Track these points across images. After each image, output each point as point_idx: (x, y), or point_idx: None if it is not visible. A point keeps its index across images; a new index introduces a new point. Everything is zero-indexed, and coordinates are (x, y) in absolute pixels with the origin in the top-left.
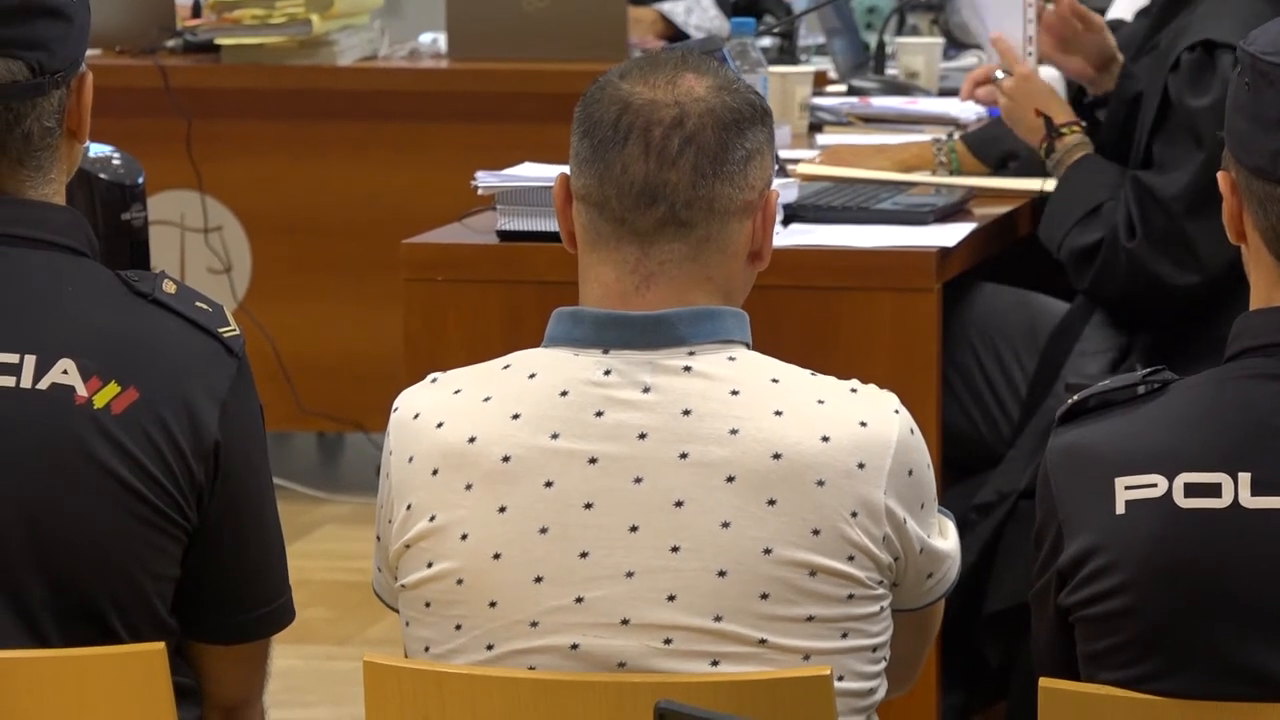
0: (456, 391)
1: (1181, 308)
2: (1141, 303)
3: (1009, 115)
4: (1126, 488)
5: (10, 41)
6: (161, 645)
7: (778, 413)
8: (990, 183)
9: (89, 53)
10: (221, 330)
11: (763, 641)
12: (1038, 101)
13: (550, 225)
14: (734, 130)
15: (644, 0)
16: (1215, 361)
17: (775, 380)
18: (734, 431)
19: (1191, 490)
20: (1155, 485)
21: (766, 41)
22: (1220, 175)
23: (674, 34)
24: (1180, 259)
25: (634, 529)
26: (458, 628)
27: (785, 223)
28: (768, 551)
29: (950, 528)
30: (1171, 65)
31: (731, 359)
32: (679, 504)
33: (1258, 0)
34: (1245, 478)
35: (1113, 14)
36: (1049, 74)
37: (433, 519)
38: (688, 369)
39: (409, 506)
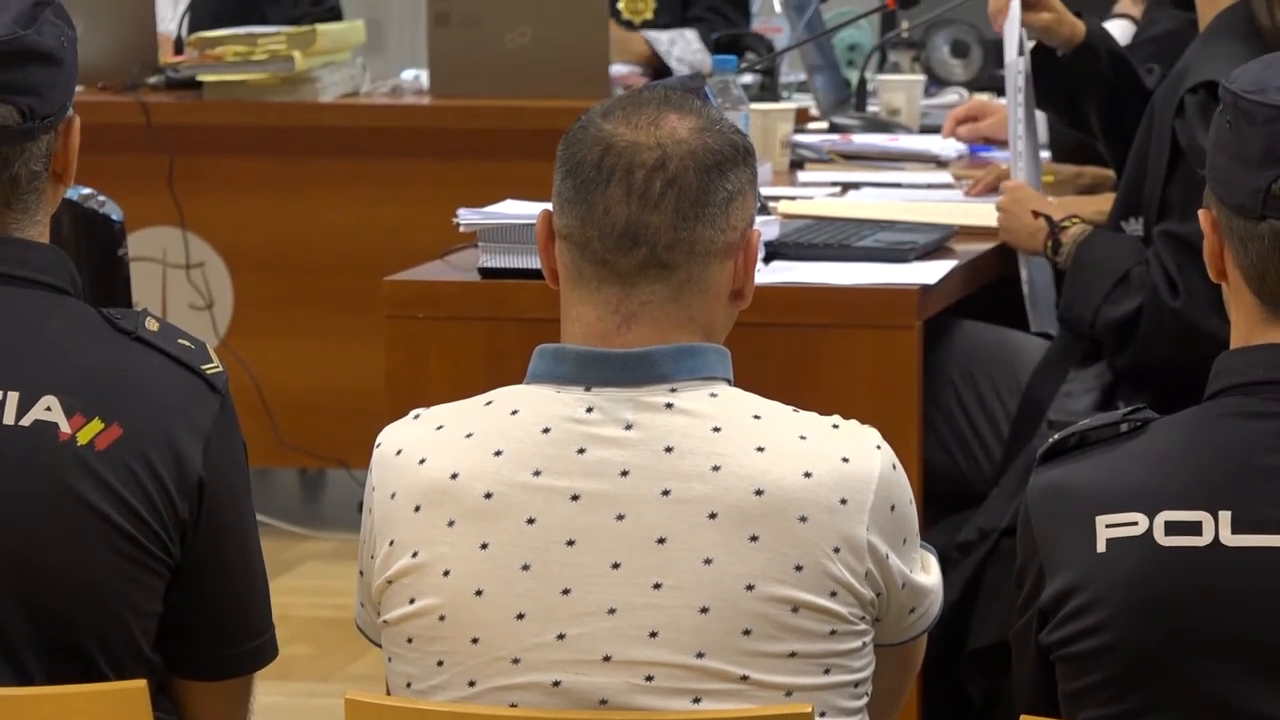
0: (439, 428)
1: (1206, 357)
2: (1191, 363)
3: (1006, 228)
4: (1107, 526)
5: (3, 86)
6: (143, 683)
7: (760, 449)
8: (968, 214)
9: None
10: (204, 367)
11: (745, 678)
12: (1032, 206)
13: (533, 262)
14: (716, 172)
15: (631, 25)
16: (1197, 400)
17: (757, 417)
18: (716, 468)
19: (1172, 528)
20: (1136, 524)
21: (748, 78)
22: (1201, 213)
23: (657, 61)
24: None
25: (616, 566)
26: (440, 664)
27: (767, 260)
28: (750, 588)
29: (933, 563)
30: (1176, 111)
31: (713, 395)
32: (661, 541)
33: (1249, 43)
34: (1226, 516)
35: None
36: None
37: (415, 555)
38: (669, 406)
39: (391, 542)
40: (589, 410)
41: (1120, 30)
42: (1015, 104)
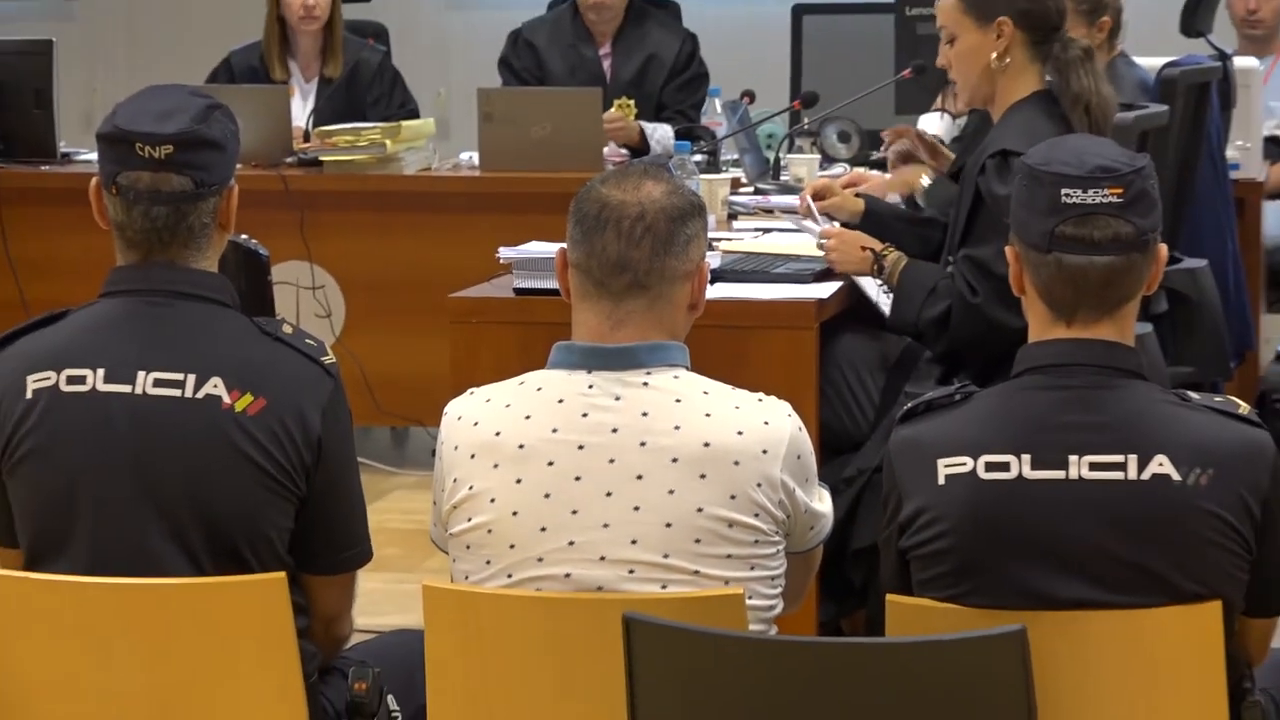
0: (487, 400)
1: (1008, 346)
2: (988, 346)
3: (840, 263)
4: (945, 466)
5: (183, 164)
6: (283, 575)
7: (707, 414)
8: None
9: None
10: (323, 359)
11: (696, 572)
12: (857, 242)
13: (552, 284)
14: (679, 221)
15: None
16: (1006, 378)
17: (706, 392)
18: (677, 427)
19: (989, 467)
20: (965, 464)
21: (699, 157)
22: (1007, 249)
23: (642, 142)
24: (1012, 306)
25: (608, 495)
26: (488, 562)
27: (713, 282)
28: (700, 510)
29: (826, 496)
30: (980, 169)
31: (676, 377)
32: (639, 477)
33: (1038, 117)
34: (1026, 458)
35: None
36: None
37: (471, 488)
38: (645, 384)
39: (454, 480)
40: (590, 387)
41: (935, 121)
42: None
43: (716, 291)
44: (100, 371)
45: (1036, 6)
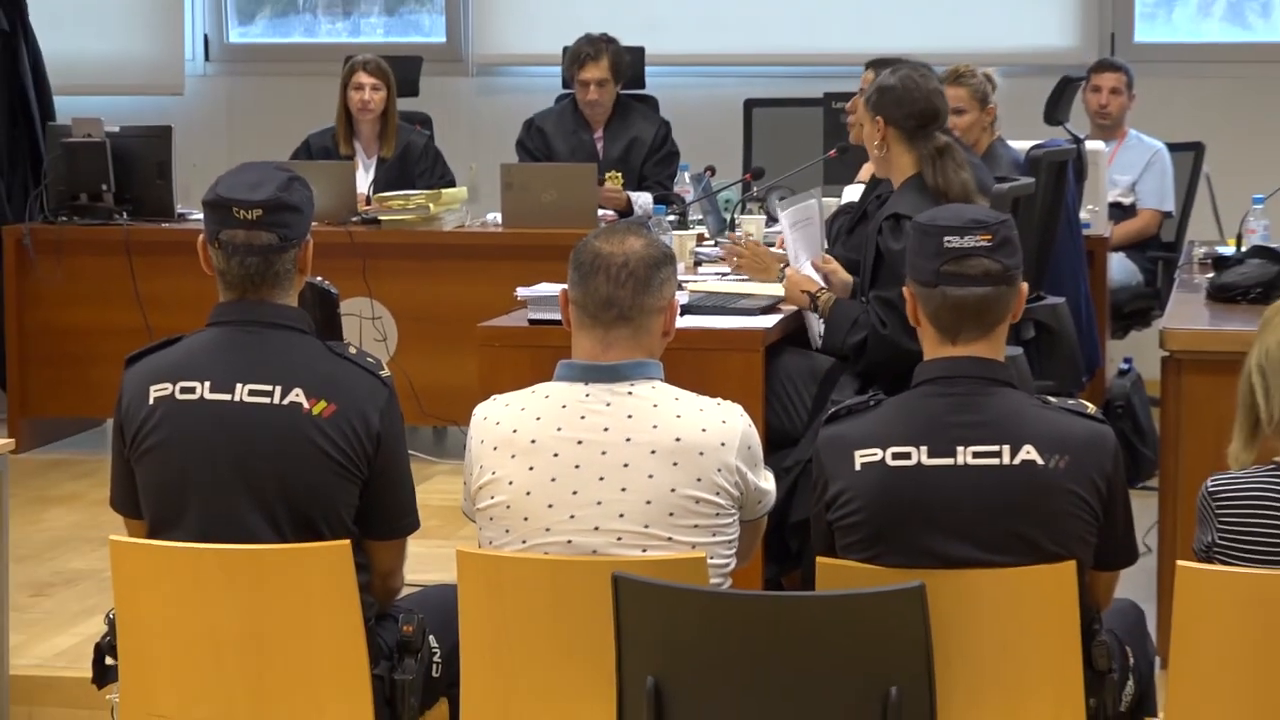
0: (506, 405)
1: (912, 364)
2: (894, 364)
3: (789, 299)
4: (860, 456)
5: (271, 223)
6: (348, 542)
7: (678, 416)
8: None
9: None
10: (380, 373)
11: (670, 539)
12: (801, 287)
13: (558, 316)
14: (655, 268)
15: (626, 185)
16: (908, 388)
17: (677, 399)
18: (655, 426)
19: (896, 456)
20: (876, 454)
21: (672, 217)
22: (904, 289)
23: (628, 206)
24: (913, 334)
25: (601, 479)
26: (506, 531)
27: (682, 314)
28: (673, 490)
29: (771, 477)
30: (878, 230)
31: (653, 387)
32: (626, 465)
33: (916, 192)
34: (924, 449)
35: (845, 198)
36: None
37: (493, 474)
38: (629, 393)
39: (481, 467)
40: (586, 395)
41: (856, 191)
42: (792, 233)
43: (685, 322)
44: (207, 384)
45: (901, 111)
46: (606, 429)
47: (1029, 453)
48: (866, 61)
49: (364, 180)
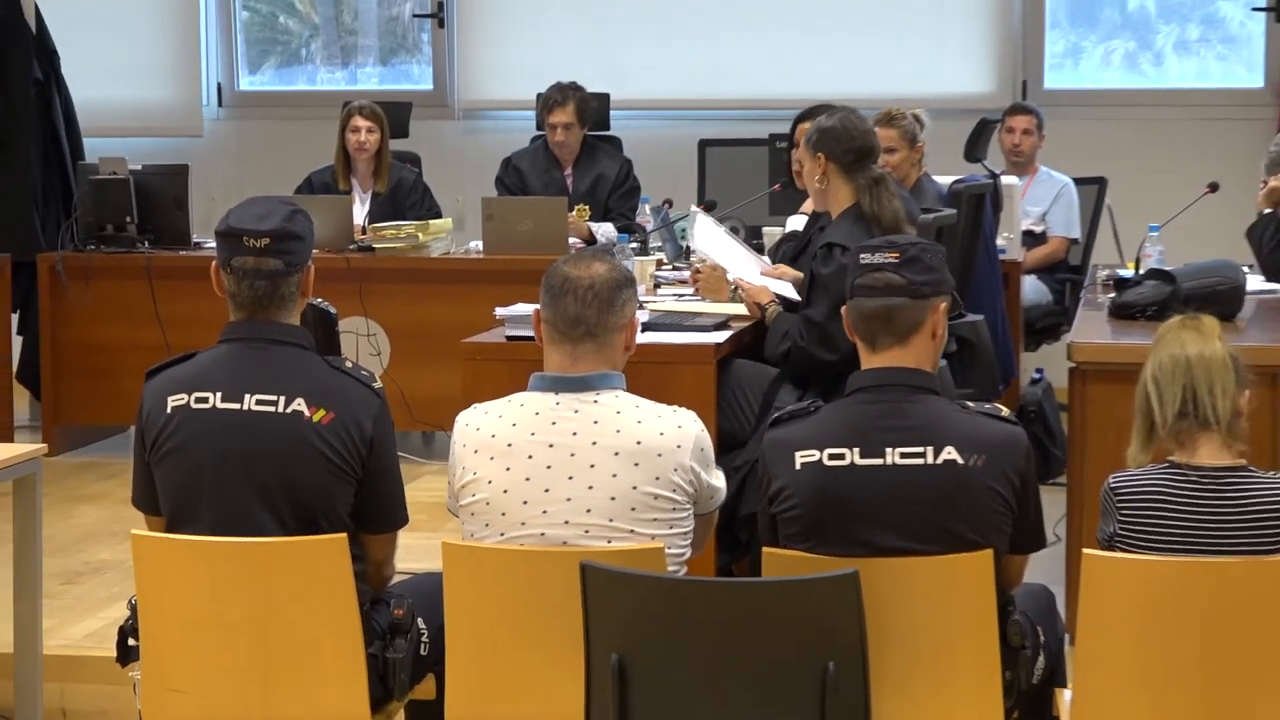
0: (486, 412)
1: (832, 373)
2: (814, 371)
3: (747, 307)
4: (800, 456)
5: (277, 251)
6: (344, 535)
7: (639, 421)
8: (733, 309)
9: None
10: (374, 384)
11: (632, 531)
12: (754, 298)
13: (531, 333)
14: (618, 290)
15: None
16: (843, 396)
17: (638, 406)
18: (618, 431)
19: (832, 457)
20: (814, 455)
21: (634, 245)
22: (843, 308)
23: (591, 236)
24: (827, 347)
25: (570, 478)
26: (486, 525)
27: (642, 331)
28: (635, 488)
29: (721, 476)
30: (814, 256)
31: (617, 396)
32: (592, 466)
33: (852, 223)
34: (857, 450)
35: (789, 227)
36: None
37: (474, 474)
38: (595, 401)
39: (463, 468)
40: (557, 403)
41: (800, 220)
42: (720, 250)
43: (645, 338)
44: (219, 394)
45: (840, 147)
46: (575, 434)
47: (950, 453)
48: (796, 116)
49: (360, 212)
